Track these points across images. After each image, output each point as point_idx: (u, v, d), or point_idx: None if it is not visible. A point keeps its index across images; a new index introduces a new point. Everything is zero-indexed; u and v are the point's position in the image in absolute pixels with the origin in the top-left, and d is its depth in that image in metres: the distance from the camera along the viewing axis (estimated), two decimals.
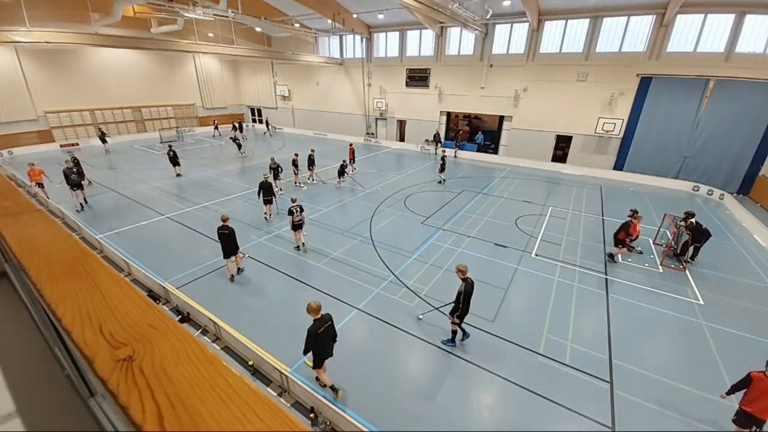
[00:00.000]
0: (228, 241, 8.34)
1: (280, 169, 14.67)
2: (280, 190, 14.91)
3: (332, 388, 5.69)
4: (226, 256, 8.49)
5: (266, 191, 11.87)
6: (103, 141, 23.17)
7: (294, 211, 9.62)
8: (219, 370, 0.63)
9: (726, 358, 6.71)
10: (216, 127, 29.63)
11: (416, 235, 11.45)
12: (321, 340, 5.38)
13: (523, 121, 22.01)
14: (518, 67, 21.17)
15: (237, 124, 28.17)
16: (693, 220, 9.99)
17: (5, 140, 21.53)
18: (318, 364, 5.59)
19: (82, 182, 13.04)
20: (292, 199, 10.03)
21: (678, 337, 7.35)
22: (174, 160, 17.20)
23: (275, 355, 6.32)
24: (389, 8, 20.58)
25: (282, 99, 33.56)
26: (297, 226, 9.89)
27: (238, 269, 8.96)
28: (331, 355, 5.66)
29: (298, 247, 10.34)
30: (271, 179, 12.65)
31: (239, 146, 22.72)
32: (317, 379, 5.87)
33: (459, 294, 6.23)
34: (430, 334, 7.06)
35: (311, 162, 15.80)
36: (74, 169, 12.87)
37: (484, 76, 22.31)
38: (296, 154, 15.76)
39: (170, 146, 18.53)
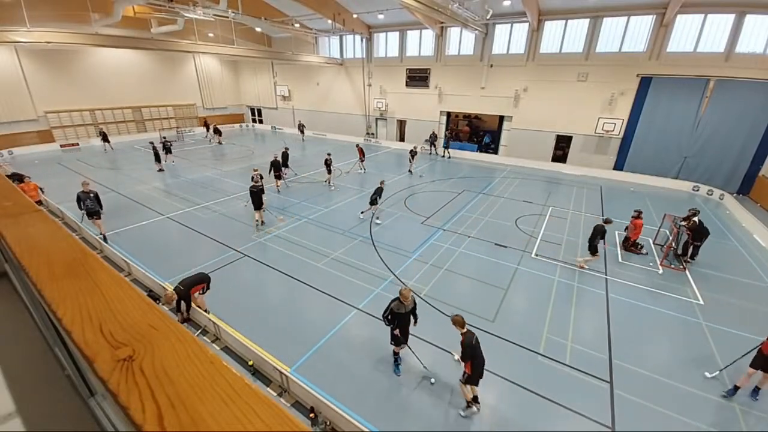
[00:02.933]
0: (257, 197, 11.19)
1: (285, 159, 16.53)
2: (290, 168, 17.07)
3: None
4: (256, 208, 11.42)
5: (275, 168, 15.01)
6: (105, 140, 23.40)
7: (254, 178, 11.88)
8: (219, 370, 0.63)
9: (726, 358, 6.70)
10: (208, 128, 28.48)
11: (416, 235, 11.45)
12: None
13: (523, 121, 22.01)
14: (518, 67, 21.17)
15: (213, 128, 26.60)
16: (696, 219, 9.94)
17: (5, 140, 21.54)
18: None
19: (101, 211, 10.38)
20: (254, 169, 12.69)
21: (678, 337, 7.35)
22: (169, 150, 19.59)
23: (275, 355, 6.32)
24: (389, 8, 20.59)
25: (282, 99, 33.57)
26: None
27: (261, 221, 11.77)
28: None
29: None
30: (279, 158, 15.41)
31: (157, 157, 18.03)
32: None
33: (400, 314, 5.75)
34: (431, 334, 7.06)
35: (285, 158, 16.29)
36: (90, 194, 10.11)
37: (485, 76, 22.31)
38: (329, 154, 16.37)
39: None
